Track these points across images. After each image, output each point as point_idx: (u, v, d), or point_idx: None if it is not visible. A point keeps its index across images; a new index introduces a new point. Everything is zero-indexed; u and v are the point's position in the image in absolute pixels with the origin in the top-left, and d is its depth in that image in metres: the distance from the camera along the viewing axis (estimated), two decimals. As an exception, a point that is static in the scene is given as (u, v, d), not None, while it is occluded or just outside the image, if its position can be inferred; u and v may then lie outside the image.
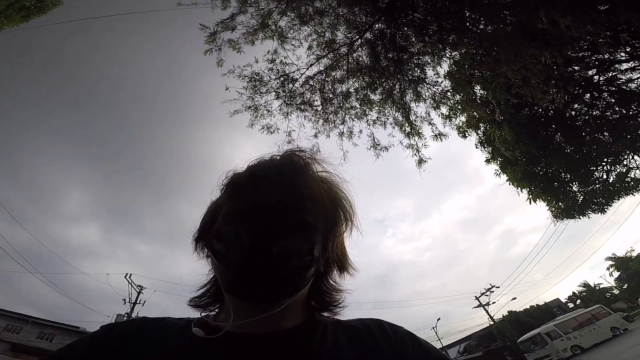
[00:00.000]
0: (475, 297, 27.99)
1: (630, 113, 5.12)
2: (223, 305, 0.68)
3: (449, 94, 5.79)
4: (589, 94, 4.40)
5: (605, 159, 5.67)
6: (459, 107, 5.86)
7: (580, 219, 6.33)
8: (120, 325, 0.64)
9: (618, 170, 6.03)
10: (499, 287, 27.76)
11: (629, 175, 5.95)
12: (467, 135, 6.41)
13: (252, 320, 0.57)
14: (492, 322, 27.28)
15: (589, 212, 6.16)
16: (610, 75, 5.25)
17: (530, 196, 5.54)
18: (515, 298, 30.19)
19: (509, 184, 6.10)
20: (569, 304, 42.99)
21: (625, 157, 5.75)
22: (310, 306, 0.70)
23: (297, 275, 0.58)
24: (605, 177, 6.01)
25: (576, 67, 3.44)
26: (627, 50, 4.87)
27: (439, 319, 31.28)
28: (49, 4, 6.92)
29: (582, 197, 6.00)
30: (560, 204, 5.60)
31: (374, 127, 7.72)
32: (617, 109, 5.37)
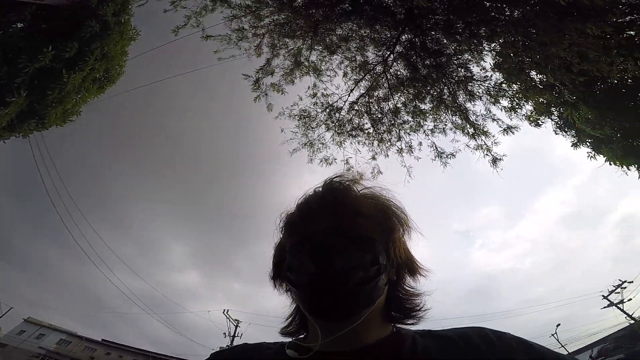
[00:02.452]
0: (604, 296, 23.96)
1: None
2: (309, 329, 0.75)
3: (504, 85, 5.30)
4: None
5: None
6: (521, 96, 5.32)
7: None
8: (226, 352, 0.78)
9: None
10: (632, 282, 23.39)
11: None
12: (540, 123, 5.76)
13: (335, 338, 0.61)
14: (632, 321, 22.83)
15: None
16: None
17: (642, 173, 4.65)
18: (660, 291, 24.93)
19: (610, 164, 5.27)
20: None
21: None
22: (392, 318, 0.73)
23: (367, 285, 0.62)
24: None
25: (632, 32, 2.86)
26: None
27: (558, 324, 27.13)
28: (114, 74, 7.86)
29: None
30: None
31: (433, 136, 7.41)
32: None
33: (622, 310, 23.11)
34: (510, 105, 5.66)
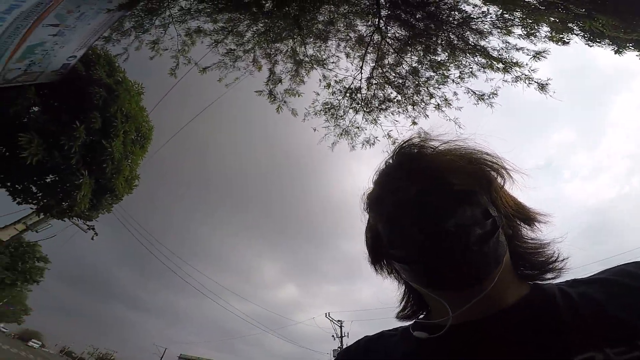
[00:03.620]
0: None
1: None
2: (429, 306, 0.69)
3: (505, 15, 4.59)
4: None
5: None
6: (529, 21, 4.58)
7: None
8: (351, 347, 0.74)
9: None
10: None
11: None
12: (566, 40, 4.93)
13: (470, 306, 0.54)
14: None
15: None
16: None
17: None
18: None
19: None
20: None
21: None
22: (526, 276, 0.65)
23: (489, 242, 0.55)
24: None
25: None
26: None
27: None
28: (146, 130, 8.42)
29: None
30: None
31: (464, 82, 6.79)
32: None
33: None
34: (525, 32, 4.90)
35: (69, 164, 6.84)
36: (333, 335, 22.51)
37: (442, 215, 0.55)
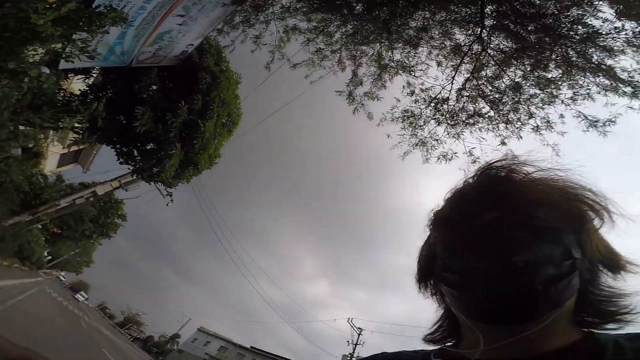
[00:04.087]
0: None
1: None
2: (460, 335, 0.65)
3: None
4: None
5: None
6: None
7: None
8: None
9: None
10: None
11: None
12: None
13: (508, 343, 0.51)
14: None
15: None
16: None
17: None
18: None
19: None
20: None
21: None
22: (584, 322, 0.59)
23: (558, 284, 0.50)
24: None
25: None
26: None
27: None
28: (235, 116, 9.14)
29: None
30: None
31: (575, 104, 5.78)
32: None
33: None
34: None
35: (168, 136, 7.77)
36: (348, 341, 21.66)
37: (516, 247, 0.51)
